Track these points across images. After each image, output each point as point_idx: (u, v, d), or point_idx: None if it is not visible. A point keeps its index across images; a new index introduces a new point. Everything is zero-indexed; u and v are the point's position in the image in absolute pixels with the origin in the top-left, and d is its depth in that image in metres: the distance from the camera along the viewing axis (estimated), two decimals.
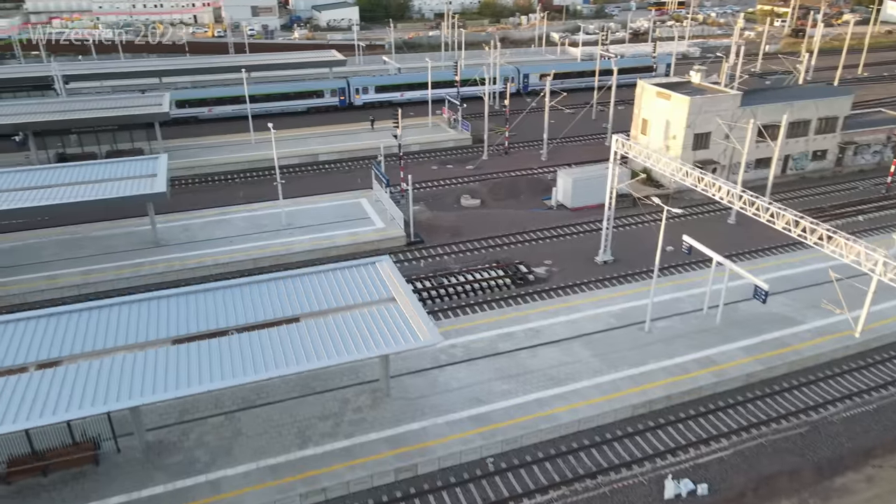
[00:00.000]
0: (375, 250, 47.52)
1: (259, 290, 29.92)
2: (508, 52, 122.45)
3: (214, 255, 45.00)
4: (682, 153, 57.04)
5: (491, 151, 69.18)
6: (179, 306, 28.52)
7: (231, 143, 68.82)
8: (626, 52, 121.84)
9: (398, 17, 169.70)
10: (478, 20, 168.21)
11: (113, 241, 46.93)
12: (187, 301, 28.85)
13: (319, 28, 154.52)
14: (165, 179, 44.00)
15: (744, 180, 58.12)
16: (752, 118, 57.00)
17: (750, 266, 44.34)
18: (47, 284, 41.12)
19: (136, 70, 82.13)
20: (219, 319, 28.09)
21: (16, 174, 43.73)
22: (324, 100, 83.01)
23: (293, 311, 28.80)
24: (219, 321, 28.00)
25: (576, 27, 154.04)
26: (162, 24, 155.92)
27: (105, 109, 61.15)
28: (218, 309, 28.67)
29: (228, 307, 28.77)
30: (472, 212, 55.56)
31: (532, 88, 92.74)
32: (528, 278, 44.24)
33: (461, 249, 48.27)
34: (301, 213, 51.83)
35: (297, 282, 30.58)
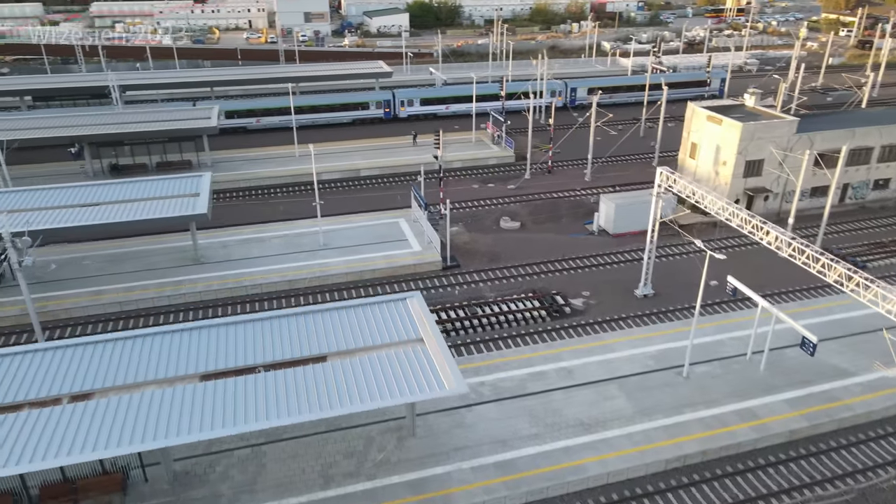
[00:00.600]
0: (411, 274, 47.36)
1: (287, 324, 29.93)
2: (557, 63, 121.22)
3: (251, 275, 45.51)
4: (731, 180, 54.94)
5: (534, 170, 68.15)
6: (209, 339, 28.74)
7: (276, 155, 69.74)
8: (680, 63, 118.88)
9: (448, 23, 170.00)
10: (528, 27, 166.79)
11: (156, 257, 48.01)
12: (216, 334, 29.06)
13: (369, 34, 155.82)
14: (207, 199, 44.70)
15: (799, 208, 56.14)
16: (809, 145, 54.70)
17: (801, 307, 42.43)
18: (90, 301, 42.27)
19: (189, 80, 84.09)
20: (247, 355, 28.17)
21: (61, 191, 45.07)
22: (369, 112, 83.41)
23: (320, 349, 28.66)
24: (247, 357, 28.08)
25: (628, 36, 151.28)
26: (218, 30, 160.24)
27: (156, 122, 62.76)
28: (246, 343, 28.78)
29: (256, 342, 28.85)
30: (510, 235, 54.74)
31: (579, 102, 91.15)
32: (565, 311, 43.21)
33: (497, 276, 47.53)
34: (338, 232, 51.98)
35: (325, 317, 30.47)
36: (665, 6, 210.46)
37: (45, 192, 44.67)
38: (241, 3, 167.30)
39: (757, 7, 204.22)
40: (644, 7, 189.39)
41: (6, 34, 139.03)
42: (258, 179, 64.15)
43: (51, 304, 41.79)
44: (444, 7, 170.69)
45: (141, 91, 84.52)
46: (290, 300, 44.16)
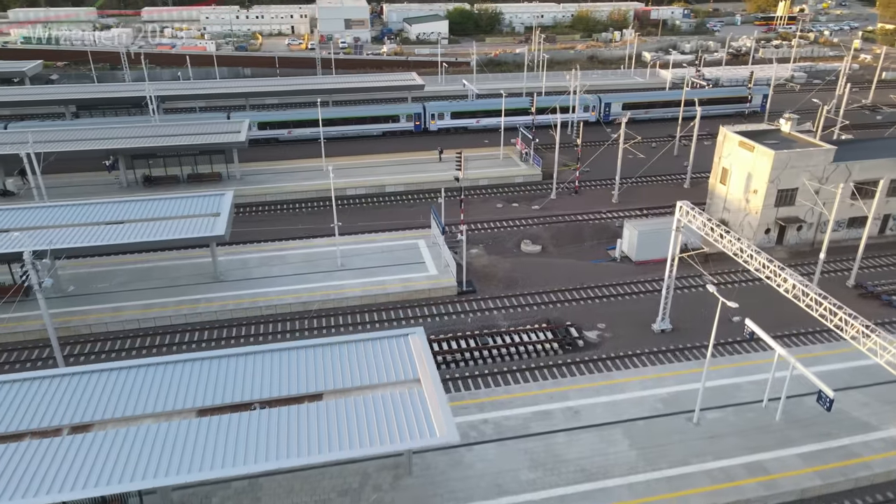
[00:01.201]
0: (426, 299, 47.18)
1: (284, 359, 30.06)
2: (595, 74, 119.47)
3: (267, 296, 46.04)
4: (762, 209, 53.06)
5: (560, 190, 67.18)
6: (205, 372, 29.08)
7: (303, 169, 70.46)
8: (723, 76, 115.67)
9: (488, 30, 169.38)
10: (569, 34, 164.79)
11: (178, 272, 49.02)
12: (213, 366, 29.38)
13: (409, 41, 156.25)
14: (226, 219, 45.37)
15: (834, 240, 54.14)
16: (846, 175, 52.49)
17: (826, 350, 40.67)
18: (111, 318, 43.40)
19: (225, 91, 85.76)
20: (244, 390, 28.40)
21: (83, 208, 46.41)
22: (399, 124, 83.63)
23: (317, 387, 28.69)
24: (244, 392, 28.31)
25: (671, 45, 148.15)
26: (261, 35, 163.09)
27: (187, 136, 64.14)
28: (244, 377, 29.02)
29: (254, 376, 29.05)
30: (531, 259, 54.02)
31: (613, 118, 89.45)
32: (578, 344, 42.40)
33: (513, 304, 46.94)
34: (357, 252, 52.17)
35: (324, 352, 30.51)
36: (713, 13, 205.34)
37: (67, 209, 46.08)
38: (284, 10, 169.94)
39: (810, 14, 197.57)
40: (690, 15, 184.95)
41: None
42: (284, 194, 64.94)
43: (74, 320, 43.05)
44: (485, 14, 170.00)
45: (178, 101, 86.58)
46: (302, 322, 44.50)
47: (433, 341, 42.01)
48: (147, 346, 41.74)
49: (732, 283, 49.99)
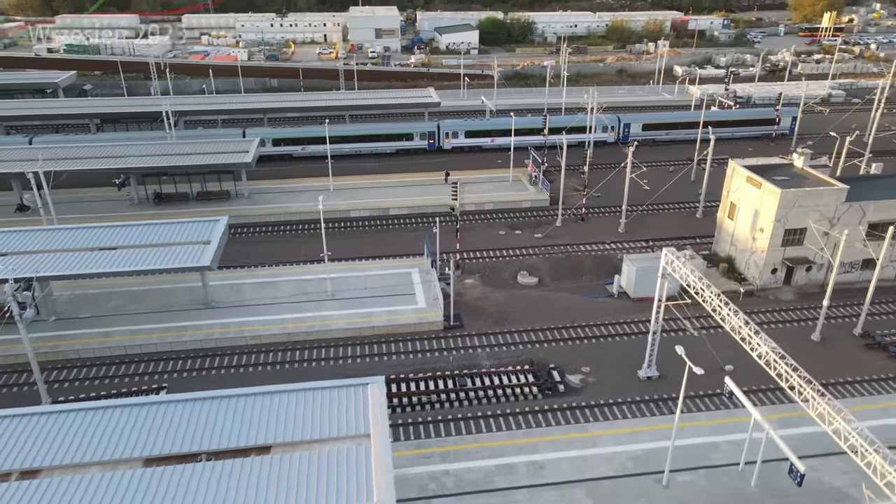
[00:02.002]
0: (412, 334, 46.77)
1: (236, 405, 29.87)
2: (622, 90, 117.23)
3: (253, 325, 46.33)
4: (768, 249, 50.95)
5: (567, 216, 65.89)
6: (154, 417, 29.06)
7: (311, 188, 70.75)
8: (755, 93, 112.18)
9: (519, 40, 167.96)
10: (602, 45, 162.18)
11: (171, 297, 49.70)
12: (162, 412, 29.35)
13: (438, 51, 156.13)
14: (215, 249, 45.77)
15: (847, 282, 52.04)
16: (860, 216, 50.04)
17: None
18: (99, 343, 44.27)
19: (240, 108, 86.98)
20: (192, 439, 28.37)
21: (73, 232, 47.48)
22: (413, 142, 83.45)
23: (266, 439, 28.49)
24: (192, 441, 28.29)
25: (705, 59, 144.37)
26: (293, 44, 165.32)
27: (195, 155, 65.16)
28: (193, 424, 28.94)
29: (202, 423, 28.94)
30: (525, 292, 53.02)
31: (633, 139, 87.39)
32: (559, 388, 41.36)
33: (499, 342, 46.11)
34: (349, 281, 52.09)
35: (277, 400, 30.26)
36: (755, 23, 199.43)
37: (58, 233, 47.25)
38: (317, 18, 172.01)
39: (858, 26, 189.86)
40: (730, 25, 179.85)
41: (99, 47, 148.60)
42: (289, 214, 65.33)
43: (63, 345, 44.08)
44: (517, 23, 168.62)
45: (200, 115, 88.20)
46: (285, 353, 44.59)
47: (411, 380, 41.62)
48: (131, 374, 42.41)
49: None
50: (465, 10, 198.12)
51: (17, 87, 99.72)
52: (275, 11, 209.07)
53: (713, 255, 57.73)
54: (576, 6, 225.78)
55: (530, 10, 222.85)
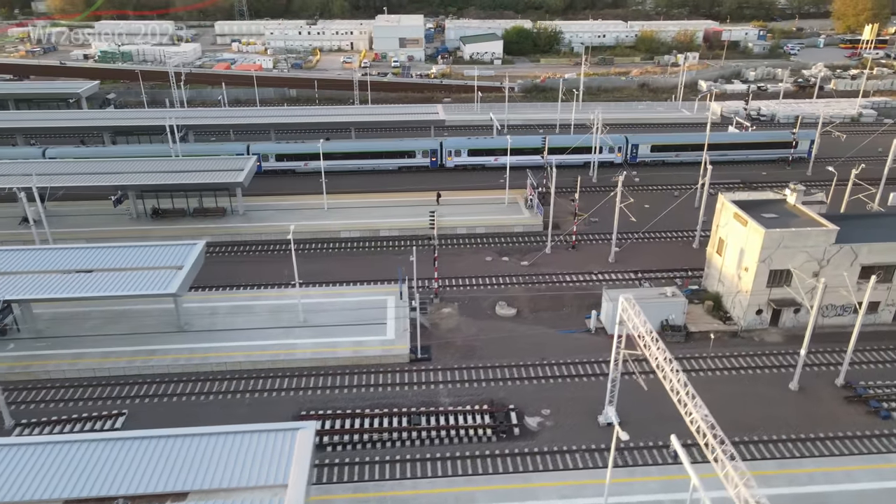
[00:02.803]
0: (376, 366, 46.50)
1: (162, 447, 30.04)
2: (641, 105, 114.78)
3: (220, 351, 46.74)
4: (752, 288, 48.99)
5: (557, 243, 64.70)
6: (75, 456, 29.48)
7: (307, 206, 71.23)
8: (781, 111, 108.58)
9: (546, 50, 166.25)
10: (630, 56, 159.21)
11: (148, 318, 50.48)
12: (83, 451, 29.74)
13: (462, 61, 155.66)
14: (185, 275, 46.40)
15: (840, 324, 49.60)
16: (852, 258, 47.74)
17: (779, 468, 36.90)
18: (69, 365, 45.30)
19: (246, 122, 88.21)
20: (112, 482, 28.59)
21: (46, 253, 48.79)
22: (415, 160, 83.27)
23: (183, 485, 28.62)
24: (111, 484, 28.55)
25: (733, 73, 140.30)
26: (320, 51, 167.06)
27: (190, 173, 66.22)
28: (114, 466, 29.13)
29: (125, 465, 29.14)
30: (501, 325, 52.16)
31: (641, 160, 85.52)
32: (514, 432, 40.50)
33: (462, 378, 45.43)
34: (322, 307, 52.12)
35: (199, 443, 30.33)
36: (794, 34, 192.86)
37: (28, 254, 48.50)
38: (345, 26, 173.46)
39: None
40: (766, 36, 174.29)
41: (132, 53, 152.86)
42: (280, 233, 65.45)
43: (34, 365, 45.26)
44: (543, 33, 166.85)
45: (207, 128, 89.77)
46: (248, 382, 44.82)
47: (365, 416, 41.34)
48: (95, 398, 43.19)
49: (707, 371, 46.36)
50: (497, 18, 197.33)
51: (42, 97, 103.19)
52: (308, 18, 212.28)
53: (702, 290, 55.89)
54: (610, 14, 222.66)
55: (563, 17, 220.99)
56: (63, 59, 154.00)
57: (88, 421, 40.83)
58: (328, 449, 39.25)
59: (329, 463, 38.10)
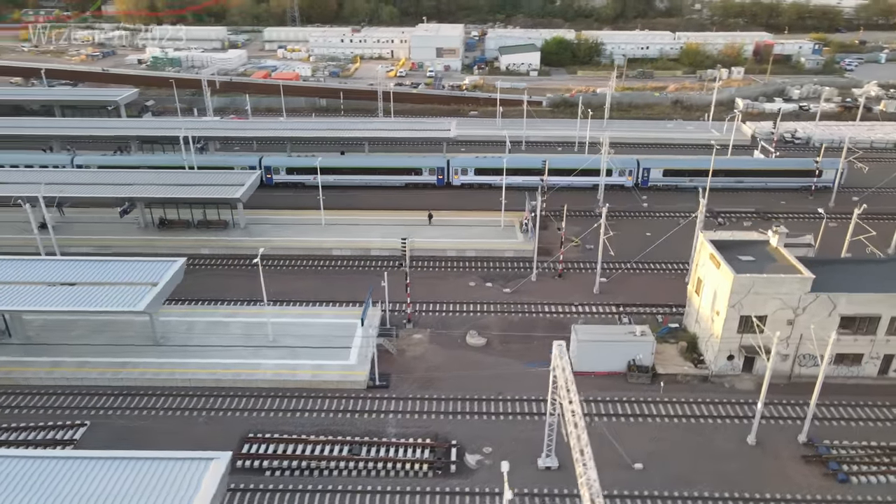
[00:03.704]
0: (334, 391, 47.31)
1: (69, 469, 31.16)
2: (670, 124, 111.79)
3: (186, 368, 48.51)
4: (723, 333, 47.28)
5: (544, 271, 63.98)
6: None
7: (305, 221, 72.85)
8: (817, 134, 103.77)
9: (585, 61, 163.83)
10: (671, 70, 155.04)
11: (130, 330, 52.76)
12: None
13: (499, 71, 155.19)
14: (157, 292, 48.34)
15: (817, 376, 47.09)
16: (830, 308, 45.49)
17: None
18: (46, 373, 48.02)
19: (259, 135, 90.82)
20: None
21: (27, 264, 51.79)
22: (422, 177, 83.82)
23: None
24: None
25: (778, 90, 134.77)
26: (360, 59, 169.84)
27: (192, 187, 68.87)
28: (22, 484, 30.51)
29: (24, 484, 30.23)
30: (467, 354, 52.08)
31: (653, 184, 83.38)
32: (450, 469, 40.50)
33: (413, 409, 45.66)
34: (293, 328, 53.30)
35: (110, 467, 31.28)
36: (856, 47, 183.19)
37: (19, 264, 51.54)
38: (385, 34, 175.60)
39: None
40: (821, 50, 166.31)
41: (181, 59, 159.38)
42: (277, 249, 67.31)
43: (14, 372, 48.18)
44: (584, 44, 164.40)
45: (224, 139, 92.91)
46: (207, 400, 46.33)
47: (306, 442, 42.11)
48: (63, 407, 45.54)
49: (665, 417, 45.05)
50: (543, 28, 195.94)
51: (84, 104, 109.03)
52: (357, 24, 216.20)
53: (681, 329, 54.27)
54: (661, 23, 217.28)
55: (613, 26, 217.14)
56: (118, 63, 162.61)
57: (51, 430, 43.20)
58: (266, 474, 40.30)
59: (264, 489, 39.11)
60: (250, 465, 40.60)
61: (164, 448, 38.12)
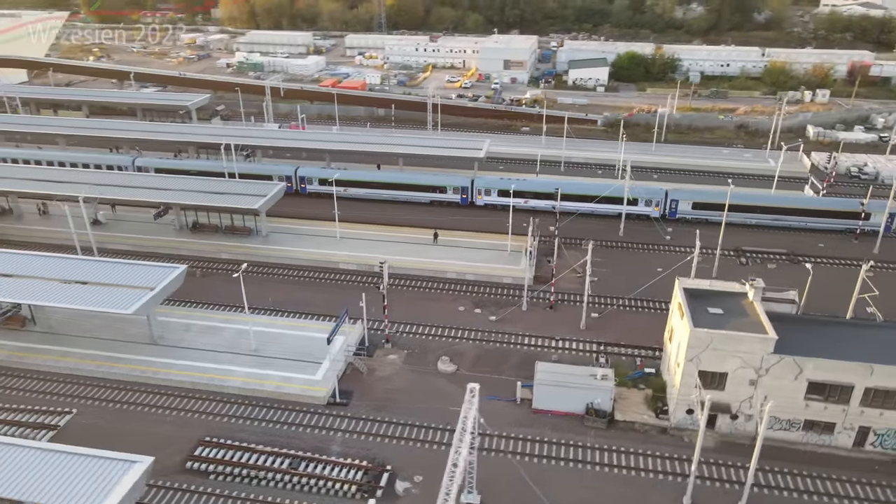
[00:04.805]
0: (294, 404, 49.96)
1: (5, 455, 35.34)
2: (725, 151, 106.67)
3: (170, 368, 52.86)
4: (680, 387, 45.80)
5: (537, 300, 63.79)
6: None
7: (323, 233, 76.16)
8: (887, 169, 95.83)
9: (659, 77, 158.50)
10: (751, 90, 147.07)
11: (135, 328, 57.54)
12: None
13: (565, 85, 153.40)
14: (151, 297, 52.68)
15: (789, 441, 45.36)
16: (796, 371, 43.19)
17: None
18: (55, 361, 53.84)
19: (300, 146, 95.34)
20: None
21: (53, 261, 57.90)
22: (446, 196, 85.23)
23: (15, 493, 33.97)
24: None
25: (861, 117, 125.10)
26: (433, 68, 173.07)
27: (219, 195, 73.89)
28: None
29: None
30: (434, 380, 53.21)
31: (682, 216, 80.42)
32: (376, 493, 41.99)
33: (362, 430, 47.50)
34: (276, 338, 56.48)
35: (35, 457, 35.22)
36: None
37: (42, 260, 57.84)
38: (460, 44, 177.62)
39: None
40: None
41: (264, 64, 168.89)
42: (287, 258, 71.21)
43: (29, 357, 54.31)
44: (659, 59, 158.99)
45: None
46: (181, 401, 50.35)
47: (253, 451, 44.88)
48: (57, 394, 50.99)
49: (606, 466, 44.33)
50: (629, 40, 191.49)
51: (159, 107, 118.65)
52: (442, 31, 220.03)
53: (655, 375, 52.77)
54: (757, 37, 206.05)
55: (704, 38, 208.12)
56: (209, 66, 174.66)
57: (41, 414, 48.59)
58: (211, 477, 43.49)
59: (202, 491, 42.27)
60: (198, 468, 43.94)
61: (127, 442, 42.64)
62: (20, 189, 76.77)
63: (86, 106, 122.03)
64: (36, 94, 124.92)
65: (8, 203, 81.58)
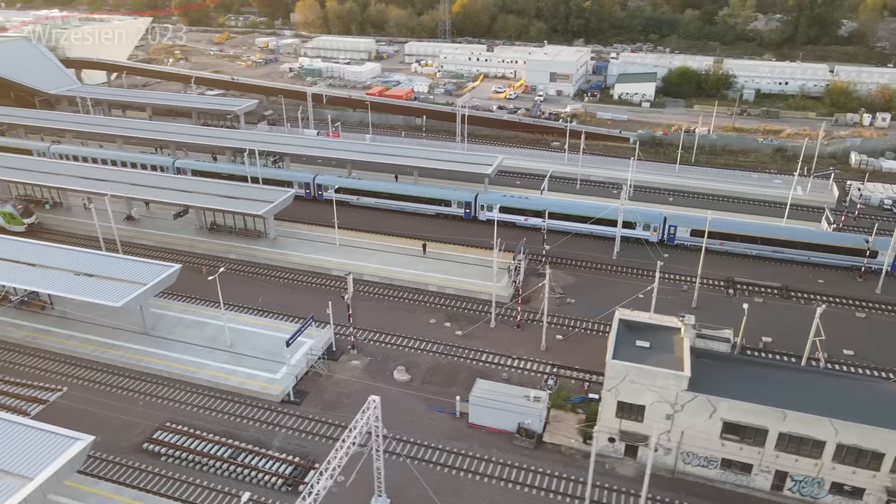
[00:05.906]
0: (253, 399, 54.55)
1: None
2: (754, 176, 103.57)
3: (152, 357, 58.74)
4: (601, 415, 46.96)
5: (506, 319, 65.69)
6: None
7: (325, 239, 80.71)
8: None
9: (712, 93, 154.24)
10: (805, 110, 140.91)
11: (135, 317, 63.94)
12: None
13: (610, 100, 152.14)
14: (139, 293, 58.58)
15: (707, 477, 45.94)
16: (710, 411, 43.75)
17: None
18: (58, 343, 60.95)
19: (320, 155, 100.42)
20: None
21: (64, 252, 64.93)
22: (451, 209, 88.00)
23: None
24: None
25: None
26: (482, 77, 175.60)
27: (230, 199, 79.93)
28: None
29: None
30: (384, 388, 55.94)
31: (680, 242, 79.73)
32: (299, 488, 45.72)
33: (305, 429, 51.39)
34: (251, 336, 61.31)
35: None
36: None
37: (54, 251, 64.98)
38: (511, 54, 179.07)
39: None
40: None
41: (322, 70, 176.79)
42: (293, 263, 76.09)
43: (40, 337, 61.70)
44: (712, 75, 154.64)
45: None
46: (156, 387, 56.08)
47: (203, 440, 49.67)
48: (53, 372, 57.93)
49: (517, 484, 46.20)
50: (696, 52, 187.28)
51: (211, 112, 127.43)
52: (506, 40, 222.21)
53: (598, 401, 53.73)
54: (836, 51, 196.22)
55: (776, 52, 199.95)
56: (273, 71, 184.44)
57: (35, 389, 55.45)
58: (163, 459, 48.64)
59: (151, 471, 47.41)
60: (153, 450, 49.19)
61: (99, 420, 49.14)
62: (60, 185, 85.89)
63: (149, 108, 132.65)
64: (107, 96, 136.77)
65: (59, 197, 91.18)
